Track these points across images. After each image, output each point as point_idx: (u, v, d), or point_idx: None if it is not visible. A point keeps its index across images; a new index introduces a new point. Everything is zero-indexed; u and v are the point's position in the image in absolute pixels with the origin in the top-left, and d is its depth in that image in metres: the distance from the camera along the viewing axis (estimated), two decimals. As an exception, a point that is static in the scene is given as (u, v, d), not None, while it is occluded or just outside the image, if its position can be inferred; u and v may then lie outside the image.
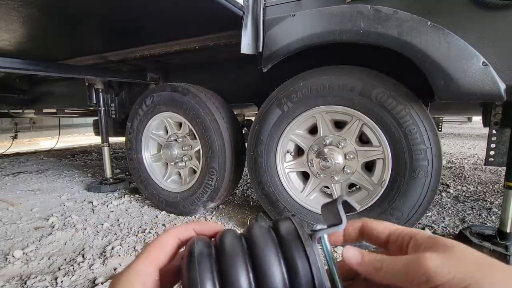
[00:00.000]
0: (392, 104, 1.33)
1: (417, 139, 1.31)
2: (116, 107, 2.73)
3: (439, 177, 1.33)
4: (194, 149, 1.99)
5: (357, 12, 1.29)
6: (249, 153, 1.72)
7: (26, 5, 1.31)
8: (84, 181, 2.95)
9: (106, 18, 1.60)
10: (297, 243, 0.28)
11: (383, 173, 1.44)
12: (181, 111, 1.89)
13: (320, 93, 1.47)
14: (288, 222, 0.31)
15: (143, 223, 1.89)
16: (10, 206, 2.25)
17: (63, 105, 3.48)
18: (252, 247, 0.29)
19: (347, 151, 1.51)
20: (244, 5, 1.48)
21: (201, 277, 0.26)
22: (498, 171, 3.22)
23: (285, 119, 1.58)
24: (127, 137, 2.20)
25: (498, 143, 1.37)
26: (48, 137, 6.63)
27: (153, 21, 1.66)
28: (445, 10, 1.18)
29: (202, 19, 1.61)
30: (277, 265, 0.27)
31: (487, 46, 1.13)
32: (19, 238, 1.69)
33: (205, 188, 1.87)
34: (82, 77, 2.33)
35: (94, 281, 1.27)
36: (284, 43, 1.46)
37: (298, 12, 1.42)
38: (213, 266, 0.28)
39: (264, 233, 0.30)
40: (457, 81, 1.16)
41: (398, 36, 1.23)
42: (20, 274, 1.34)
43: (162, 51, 2.02)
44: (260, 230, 0.30)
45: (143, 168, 2.15)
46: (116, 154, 4.62)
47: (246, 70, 2.19)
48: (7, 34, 1.70)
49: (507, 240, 1.38)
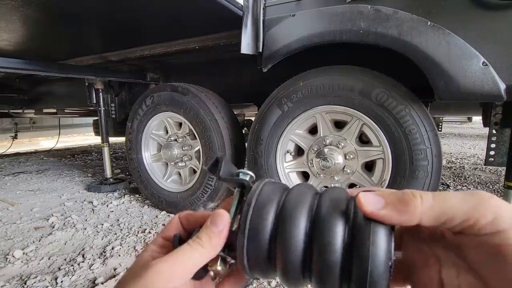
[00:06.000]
0: (392, 104, 1.33)
1: (417, 139, 1.31)
2: (116, 107, 2.73)
3: (439, 177, 1.33)
4: (194, 149, 1.99)
5: (357, 12, 1.29)
6: (249, 153, 1.72)
7: (26, 5, 1.31)
8: (84, 181, 2.95)
9: (106, 18, 1.60)
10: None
11: (383, 173, 1.44)
12: (181, 111, 1.89)
13: (320, 93, 1.47)
14: None
15: (143, 223, 1.89)
16: (10, 206, 2.25)
17: (63, 105, 3.49)
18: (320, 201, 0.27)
19: (347, 151, 1.51)
20: (244, 5, 1.48)
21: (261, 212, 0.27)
22: (498, 171, 3.22)
23: (285, 119, 1.58)
24: (127, 137, 2.20)
25: (498, 143, 1.37)
26: (48, 137, 6.64)
27: (153, 21, 1.66)
28: (445, 10, 1.18)
29: (202, 19, 1.61)
30: (340, 230, 0.25)
31: (487, 46, 1.13)
32: (19, 238, 1.69)
33: (205, 188, 1.87)
34: (82, 77, 2.34)
35: (94, 281, 1.27)
36: (284, 43, 1.46)
37: (298, 12, 1.42)
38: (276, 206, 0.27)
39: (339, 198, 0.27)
40: (457, 81, 1.16)
41: (398, 36, 1.23)
42: (20, 274, 1.34)
43: (162, 51, 2.02)
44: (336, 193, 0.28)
45: (143, 168, 2.15)
46: (116, 154, 4.62)
47: (246, 70, 2.19)
48: (7, 34, 1.70)
49: (507, 240, 1.38)
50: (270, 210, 0.27)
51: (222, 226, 0.28)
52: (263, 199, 0.28)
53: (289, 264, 0.26)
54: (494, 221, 0.21)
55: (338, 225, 0.25)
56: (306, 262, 0.25)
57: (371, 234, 0.23)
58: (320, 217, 0.26)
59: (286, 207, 0.27)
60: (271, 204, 0.27)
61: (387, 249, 0.23)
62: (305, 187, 0.29)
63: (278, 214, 0.27)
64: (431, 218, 0.23)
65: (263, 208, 0.27)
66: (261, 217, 0.27)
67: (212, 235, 0.28)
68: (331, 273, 0.24)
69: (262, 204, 0.27)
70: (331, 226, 0.25)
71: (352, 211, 0.26)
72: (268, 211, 0.27)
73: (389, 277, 0.23)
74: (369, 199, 0.24)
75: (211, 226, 0.28)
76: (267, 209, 0.27)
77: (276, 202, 0.28)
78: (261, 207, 0.27)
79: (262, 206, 0.27)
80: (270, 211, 0.27)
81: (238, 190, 0.32)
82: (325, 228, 0.25)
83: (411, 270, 0.28)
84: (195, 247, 0.27)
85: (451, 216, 0.22)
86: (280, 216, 0.27)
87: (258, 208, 0.27)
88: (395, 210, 0.23)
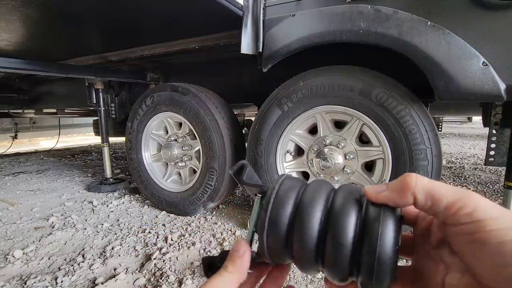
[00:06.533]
0: (392, 104, 1.33)
1: (417, 139, 1.31)
2: (116, 107, 2.73)
3: (439, 177, 1.33)
4: (194, 149, 1.99)
5: (357, 12, 1.29)
6: (249, 153, 1.72)
7: (26, 5, 1.31)
8: (84, 181, 2.95)
9: (106, 18, 1.60)
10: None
11: (383, 173, 1.44)
12: (181, 111, 1.89)
13: (320, 93, 1.47)
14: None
15: (143, 223, 1.89)
16: (10, 206, 2.25)
17: (63, 105, 3.49)
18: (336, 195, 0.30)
19: (347, 151, 1.51)
20: (244, 5, 1.48)
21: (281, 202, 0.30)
22: (498, 171, 3.22)
23: (285, 119, 1.58)
24: (127, 137, 2.20)
25: (498, 143, 1.37)
26: (48, 137, 6.64)
27: (153, 21, 1.66)
28: (445, 10, 1.18)
29: (202, 19, 1.61)
30: (353, 219, 0.27)
31: (487, 46, 1.13)
32: (19, 238, 1.69)
33: (205, 188, 1.87)
34: (82, 77, 2.34)
35: (94, 281, 1.27)
36: (284, 43, 1.46)
37: (298, 12, 1.42)
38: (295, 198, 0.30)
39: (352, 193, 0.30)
40: (457, 81, 1.16)
41: (398, 36, 1.23)
42: (20, 274, 1.34)
43: (162, 51, 2.02)
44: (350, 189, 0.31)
45: (143, 168, 2.15)
46: (116, 154, 4.62)
47: (246, 70, 2.19)
48: (7, 34, 1.70)
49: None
50: (289, 202, 0.30)
51: (242, 251, 0.32)
52: (282, 193, 0.31)
53: (304, 250, 0.28)
54: (473, 212, 0.23)
55: (351, 214, 0.27)
56: (320, 248, 0.28)
57: (381, 218, 0.26)
58: (335, 207, 0.28)
59: (303, 200, 0.30)
60: (290, 197, 0.30)
61: (395, 233, 0.25)
62: (322, 183, 0.32)
63: (295, 206, 0.30)
64: (422, 197, 0.26)
65: (282, 200, 0.30)
66: (280, 208, 0.30)
67: (236, 260, 0.31)
68: (343, 256, 0.26)
69: (281, 198, 0.30)
70: (345, 214, 0.27)
71: (364, 203, 0.28)
72: (287, 203, 0.30)
73: (396, 258, 0.25)
74: (374, 187, 0.29)
75: (233, 252, 0.32)
76: (286, 201, 0.30)
77: (294, 196, 0.30)
78: (280, 201, 0.30)
79: (281, 199, 0.30)
80: (289, 203, 0.30)
81: (259, 198, 0.34)
82: (339, 216, 0.27)
83: (421, 275, 0.30)
84: (224, 275, 0.31)
85: (437, 199, 0.25)
86: (297, 208, 0.29)
87: (278, 200, 0.30)
88: (394, 191, 0.27)
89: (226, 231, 1.75)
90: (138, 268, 1.37)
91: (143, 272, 1.33)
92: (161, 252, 1.48)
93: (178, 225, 1.85)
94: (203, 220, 1.92)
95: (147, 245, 1.58)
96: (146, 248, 1.55)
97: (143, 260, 1.44)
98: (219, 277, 0.31)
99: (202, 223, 1.87)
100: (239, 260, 0.31)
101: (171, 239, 1.62)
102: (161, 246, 1.55)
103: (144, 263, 1.40)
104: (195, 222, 1.89)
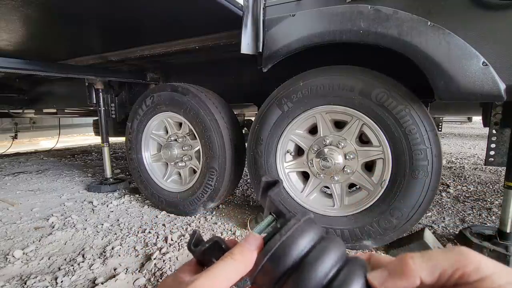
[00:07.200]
0: (392, 104, 1.33)
1: (417, 139, 1.31)
2: (116, 107, 2.73)
3: (439, 177, 1.33)
4: (194, 149, 1.99)
5: (357, 12, 1.29)
6: (249, 153, 1.72)
7: (26, 5, 1.31)
8: (84, 181, 2.95)
9: (106, 18, 1.60)
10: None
11: (383, 173, 1.44)
12: (181, 111, 1.89)
13: (320, 93, 1.47)
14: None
15: (143, 223, 1.89)
16: (10, 206, 2.25)
17: (63, 105, 3.49)
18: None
19: (347, 151, 1.51)
20: (244, 5, 1.48)
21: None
22: (498, 171, 3.22)
23: (285, 119, 1.58)
24: (127, 137, 2.20)
25: (498, 143, 1.37)
26: (48, 137, 6.64)
27: (153, 21, 1.66)
28: (445, 10, 1.18)
29: (202, 19, 1.61)
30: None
31: (487, 46, 1.13)
32: (19, 238, 1.69)
33: (205, 188, 1.87)
34: (82, 77, 2.34)
35: (94, 281, 1.27)
36: (284, 43, 1.46)
37: (298, 12, 1.42)
38: None
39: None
40: (457, 81, 1.16)
41: (398, 36, 1.23)
42: (20, 274, 1.34)
43: (162, 51, 2.02)
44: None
45: (143, 168, 2.16)
46: (116, 154, 4.62)
47: (246, 70, 2.19)
48: (7, 34, 1.70)
49: (507, 240, 1.38)
50: (298, 249, 0.29)
51: (255, 247, 0.30)
52: (297, 236, 0.30)
53: None
54: (479, 269, 0.24)
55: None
56: None
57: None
58: (337, 279, 0.28)
59: (308, 260, 0.29)
60: (301, 244, 0.29)
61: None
62: (334, 248, 0.30)
63: (301, 259, 0.29)
64: (428, 273, 0.26)
65: (293, 243, 0.29)
66: (287, 250, 0.29)
67: (246, 251, 0.30)
68: None
69: (294, 240, 0.29)
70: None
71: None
72: (296, 249, 0.29)
73: None
74: (378, 277, 0.28)
75: (245, 243, 0.30)
76: (295, 247, 0.29)
77: (305, 245, 0.29)
78: (291, 243, 0.29)
79: (293, 241, 0.29)
80: (297, 249, 0.29)
81: (273, 217, 0.34)
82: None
83: None
84: (228, 262, 0.29)
85: (442, 269, 0.25)
86: (302, 262, 0.28)
87: (289, 242, 0.29)
88: (397, 278, 0.26)
89: (226, 231, 1.76)
90: (138, 268, 1.37)
91: (143, 272, 1.33)
92: (161, 252, 1.49)
93: (178, 225, 1.85)
94: (203, 220, 1.92)
95: (147, 245, 1.58)
96: (146, 248, 1.55)
97: (143, 260, 1.44)
98: (223, 263, 0.29)
99: (202, 223, 1.87)
100: (249, 253, 0.30)
101: (171, 239, 1.62)
102: (161, 246, 1.55)
103: (144, 263, 1.40)
104: (195, 222, 1.89)
